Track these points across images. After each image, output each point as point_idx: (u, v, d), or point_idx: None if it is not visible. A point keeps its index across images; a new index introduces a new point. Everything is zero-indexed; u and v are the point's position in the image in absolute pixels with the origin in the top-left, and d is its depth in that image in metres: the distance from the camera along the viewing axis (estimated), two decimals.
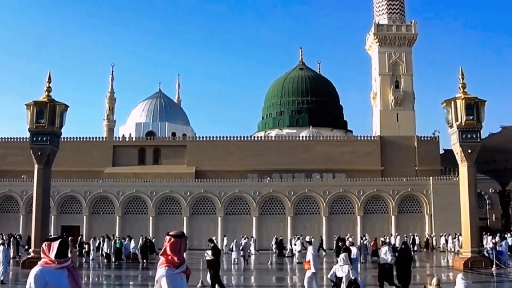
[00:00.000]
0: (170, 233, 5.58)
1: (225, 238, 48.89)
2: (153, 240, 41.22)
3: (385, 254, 17.89)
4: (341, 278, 15.33)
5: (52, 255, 5.28)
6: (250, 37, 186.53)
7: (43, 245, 5.40)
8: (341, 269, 15.52)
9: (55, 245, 5.33)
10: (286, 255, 41.99)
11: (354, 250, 18.01)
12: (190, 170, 61.66)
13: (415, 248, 46.27)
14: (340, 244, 26.51)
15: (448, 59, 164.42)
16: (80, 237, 45.13)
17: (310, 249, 17.56)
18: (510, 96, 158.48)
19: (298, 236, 41.95)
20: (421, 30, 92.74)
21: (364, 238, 41.87)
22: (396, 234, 48.90)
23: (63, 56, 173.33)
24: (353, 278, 15.19)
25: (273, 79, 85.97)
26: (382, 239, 19.05)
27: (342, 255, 16.02)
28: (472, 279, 21.36)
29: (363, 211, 54.26)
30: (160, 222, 53.83)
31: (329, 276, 16.66)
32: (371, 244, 39.49)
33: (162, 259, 5.49)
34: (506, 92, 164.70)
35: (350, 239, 18.61)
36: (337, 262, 16.55)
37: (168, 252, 5.46)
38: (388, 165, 62.46)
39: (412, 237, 48.16)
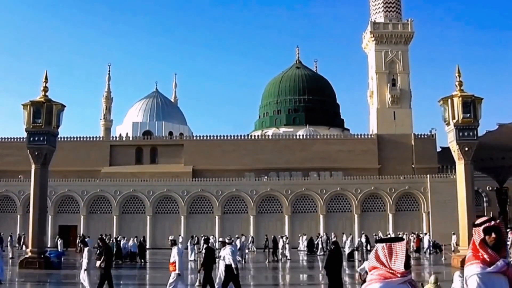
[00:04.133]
0: (477, 222, 4.02)
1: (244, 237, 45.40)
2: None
3: (228, 255, 16.62)
4: None
5: (400, 264, 3.63)
6: (246, 36, 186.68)
7: (379, 248, 3.71)
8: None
9: (399, 249, 3.65)
10: (317, 254, 42.79)
11: (227, 249, 17.24)
12: (187, 169, 61.60)
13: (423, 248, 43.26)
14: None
15: (445, 57, 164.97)
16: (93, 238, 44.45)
17: (174, 250, 16.49)
18: (507, 93, 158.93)
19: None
20: (418, 28, 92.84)
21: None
22: (424, 232, 47.27)
23: (59, 55, 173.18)
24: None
25: (270, 78, 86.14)
26: (227, 240, 18.27)
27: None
28: None
29: (361, 209, 54.30)
30: (157, 221, 53.86)
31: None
32: (415, 240, 41.73)
33: (469, 254, 4.06)
34: (502, 89, 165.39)
35: (227, 239, 18.40)
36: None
37: (477, 247, 3.94)
38: (385, 163, 62.50)
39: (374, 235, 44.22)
